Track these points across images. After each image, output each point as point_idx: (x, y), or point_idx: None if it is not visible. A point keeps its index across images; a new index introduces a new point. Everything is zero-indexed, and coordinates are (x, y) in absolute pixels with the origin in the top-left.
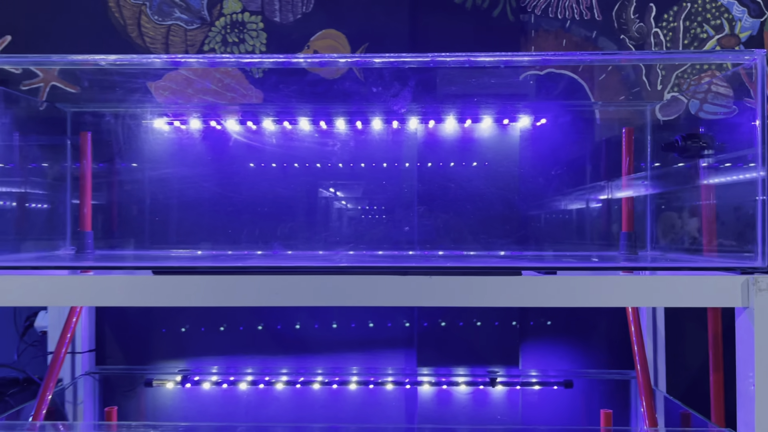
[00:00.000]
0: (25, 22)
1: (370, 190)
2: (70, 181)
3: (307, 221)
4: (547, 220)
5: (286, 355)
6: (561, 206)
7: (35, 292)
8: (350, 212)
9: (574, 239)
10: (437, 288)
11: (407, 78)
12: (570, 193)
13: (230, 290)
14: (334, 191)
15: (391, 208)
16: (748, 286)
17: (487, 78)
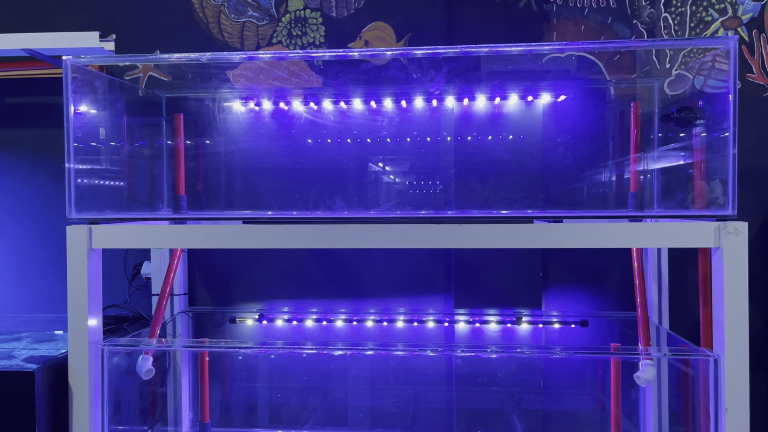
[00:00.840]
0: (126, 22)
1: (412, 160)
2: (166, 154)
3: (360, 186)
4: (567, 184)
5: (344, 298)
6: (579, 172)
7: (158, 237)
8: (395, 178)
9: (591, 200)
10: (466, 233)
11: (443, 65)
12: (587, 161)
13: (304, 235)
14: (382, 160)
15: (430, 175)
16: (720, 230)
17: (512, 62)
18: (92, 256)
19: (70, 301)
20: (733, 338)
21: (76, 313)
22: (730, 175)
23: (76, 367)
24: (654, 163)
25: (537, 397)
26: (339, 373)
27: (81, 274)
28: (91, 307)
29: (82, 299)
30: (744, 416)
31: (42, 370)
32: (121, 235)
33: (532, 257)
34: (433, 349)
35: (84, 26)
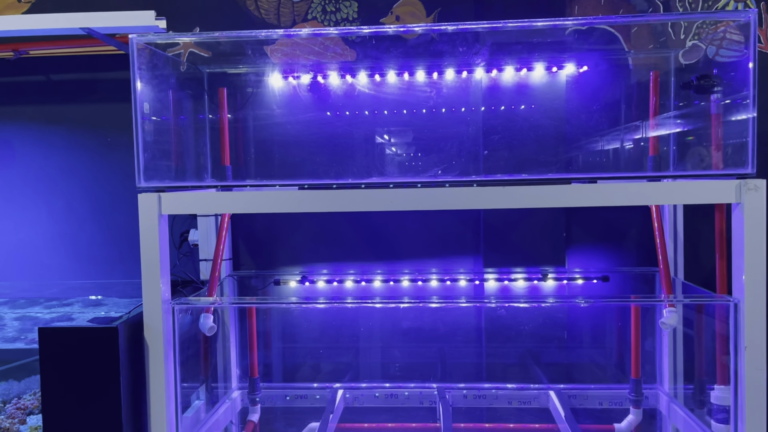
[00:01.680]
0: (168, 3)
1: (442, 128)
2: (209, 127)
3: (393, 155)
4: (590, 148)
5: (381, 261)
6: (602, 137)
7: (221, 203)
8: (426, 145)
9: (613, 162)
10: (505, 195)
11: (487, 39)
12: (608, 127)
13: (350, 199)
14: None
15: (461, 142)
16: (740, 187)
17: (538, 36)
18: (161, 222)
19: (144, 263)
20: (752, 284)
21: (150, 275)
22: (750, 137)
23: (151, 324)
24: (672, 128)
25: (562, 348)
26: (377, 330)
27: (153, 239)
28: (162, 268)
29: (154, 261)
30: (762, 352)
31: (123, 326)
32: (187, 201)
33: (555, 218)
34: (467, 301)
35: (126, 7)
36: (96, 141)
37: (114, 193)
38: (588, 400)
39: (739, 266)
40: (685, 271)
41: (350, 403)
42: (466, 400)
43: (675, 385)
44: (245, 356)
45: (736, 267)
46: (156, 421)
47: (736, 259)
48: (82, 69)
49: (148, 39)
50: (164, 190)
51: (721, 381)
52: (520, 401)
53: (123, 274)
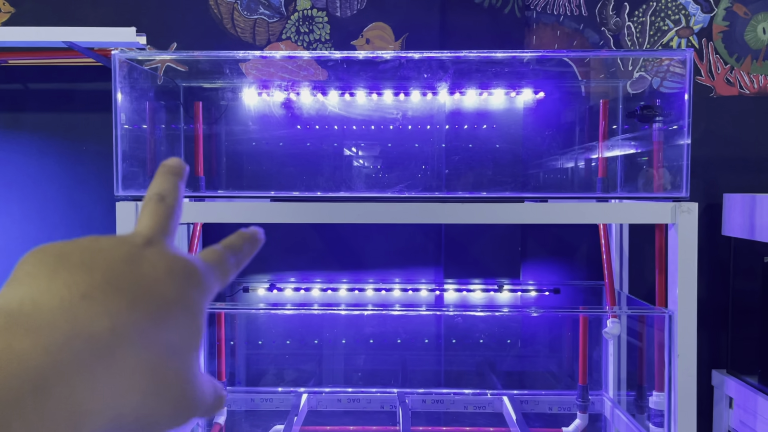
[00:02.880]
0: (146, 16)
1: (406, 146)
2: (184, 138)
3: (361, 170)
4: (544, 169)
5: (347, 270)
6: (554, 160)
7: (197, 213)
8: (392, 162)
9: (565, 183)
10: (464, 211)
11: (449, 66)
12: (560, 150)
13: (319, 211)
14: (380, 147)
15: (425, 160)
16: (675, 209)
17: (498, 64)
18: None
19: None
20: (684, 298)
21: None
22: (685, 164)
23: None
24: (619, 153)
25: (516, 356)
26: (341, 337)
27: None
28: None
29: None
30: (692, 360)
31: None
32: None
33: (512, 234)
34: (427, 309)
35: (106, 19)
36: (72, 149)
37: (89, 201)
38: (539, 405)
39: (674, 281)
40: (630, 286)
41: (314, 406)
42: (425, 405)
43: (618, 391)
44: (213, 361)
45: (671, 281)
46: None
47: (672, 274)
48: (61, 79)
49: (130, 55)
50: (141, 198)
51: (659, 387)
52: (476, 406)
53: None
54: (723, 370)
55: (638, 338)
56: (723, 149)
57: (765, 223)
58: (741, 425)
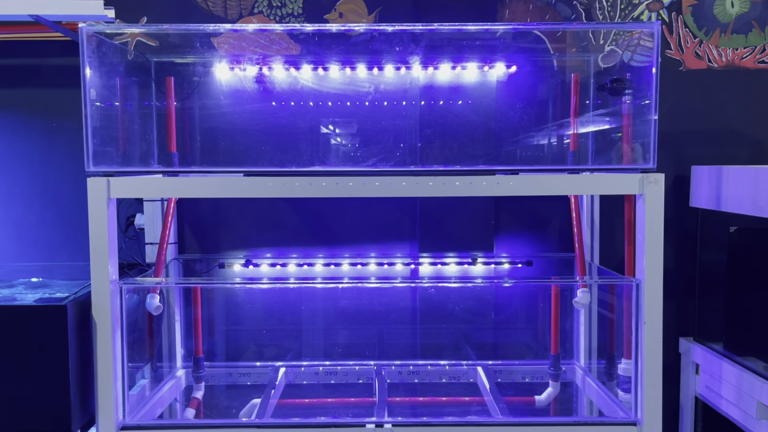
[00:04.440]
0: None
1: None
2: (155, 114)
3: (335, 144)
4: (517, 142)
5: (322, 245)
6: (527, 133)
7: (169, 188)
8: (366, 136)
9: (536, 156)
10: (437, 184)
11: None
12: (533, 124)
13: (293, 186)
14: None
15: (398, 134)
16: (643, 180)
17: (472, 37)
18: (110, 205)
19: (93, 244)
20: (651, 266)
21: (98, 255)
22: (652, 136)
23: (99, 303)
24: (590, 126)
25: (490, 328)
26: (318, 311)
27: (102, 221)
28: (110, 249)
29: (103, 243)
30: (658, 327)
31: (72, 304)
32: (135, 185)
33: (485, 207)
34: (402, 280)
35: None
36: (42, 125)
37: (60, 178)
38: (512, 375)
39: (641, 250)
40: (601, 257)
41: (291, 380)
42: (401, 376)
43: (589, 360)
44: (190, 337)
45: (639, 251)
46: (103, 396)
47: (639, 244)
48: (28, 54)
49: (97, 28)
50: (113, 174)
51: (627, 355)
52: (451, 377)
53: (68, 257)
54: (690, 338)
55: (608, 308)
56: (692, 122)
57: (731, 194)
58: (707, 390)
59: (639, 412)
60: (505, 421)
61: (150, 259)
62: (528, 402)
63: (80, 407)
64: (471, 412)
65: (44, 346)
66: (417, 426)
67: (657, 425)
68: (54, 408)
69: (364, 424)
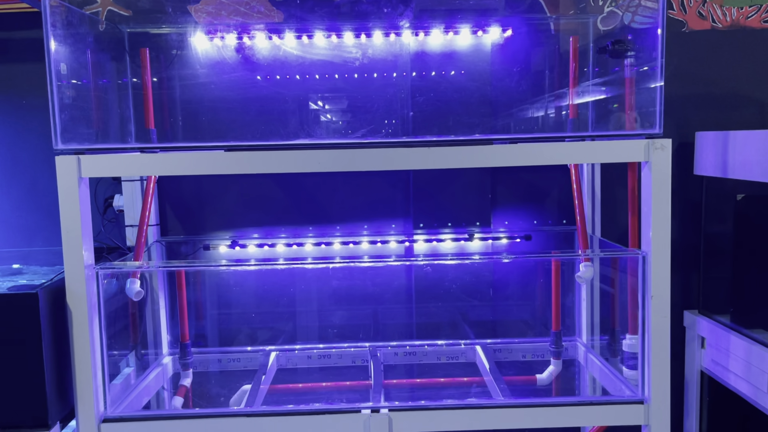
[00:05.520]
0: None
1: (369, 89)
2: (131, 89)
3: (322, 116)
4: (513, 110)
5: (312, 224)
6: (524, 101)
7: (145, 165)
8: (354, 106)
9: (534, 125)
10: (432, 155)
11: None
12: (530, 90)
13: (277, 160)
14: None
15: (389, 103)
16: (649, 146)
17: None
18: (81, 185)
19: (64, 228)
20: (658, 238)
21: (71, 238)
22: (658, 99)
23: (74, 289)
24: (591, 92)
25: (488, 305)
26: (310, 292)
27: (73, 202)
28: (84, 232)
29: (75, 225)
30: (666, 301)
31: (44, 291)
32: (109, 163)
33: (481, 180)
34: (396, 259)
35: None
36: (11, 103)
37: (33, 158)
38: (512, 354)
39: (647, 221)
40: (602, 229)
41: (283, 364)
42: (397, 358)
43: (591, 336)
44: (176, 323)
45: (644, 222)
46: (82, 387)
47: (645, 215)
48: None
49: None
50: (83, 152)
51: (632, 331)
52: (449, 357)
53: (44, 242)
54: (695, 311)
55: (611, 282)
56: (695, 86)
57: (738, 160)
58: (713, 364)
59: (646, 390)
60: (507, 402)
61: (131, 243)
62: (529, 381)
63: (58, 400)
64: (471, 393)
65: (16, 336)
66: (415, 410)
67: (665, 403)
68: (29, 401)
69: (359, 410)
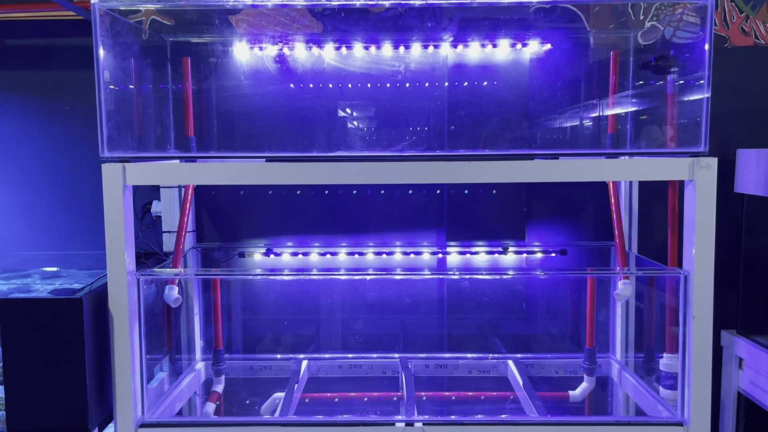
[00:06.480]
0: None
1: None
2: (172, 97)
3: (360, 128)
4: (553, 124)
5: (346, 234)
6: (564, 115)
7: (187, 174)
8: (392, 119)
9: (574, 139)
10: (472, 169)
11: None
12: (570, 104)
13: (317, 172)
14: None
15: (427, 116)
16: (693, 165)
17: (502, 12)
18: (126, 193)
19: (108, 234)
20: (701, 258)
21: (114, 246)
22: (704, 116)
23: (116, 295)
24: (631, 107)
25: (521, 319)
26: (341, 301)
27: (117, 209)
28: (127, 239)
29: (119, 232)
30: (708, 322)
31: (88, 297)
32: (152, 172)
33: (517, 193)
34: (430, 273)
35: None
36: (54, 109)
37: (73, 163)
38: (545, 369)
39: (690, 240)
40: (639, 245)
41: (314, 373)
42: (428, 370)
43: (626, 354)
44: (209, 328)
45: (687, 241)
46: (121, 392)
47: (688, 234)
48: (39, 34)
49: (110, 5)
50: (128, 160)
51: (670, 349)
52: (480, 370)
53: (83, 245)
54: (733, 330)
55: (647, 300)
56: (736, 102)
57: None
58: (752, 386)
59: (686, 411)
60: (544, 420)
61: (167, 248)
62: (562, 397)
63: (97, 404)
64: (504, 408)
65: (59, 340)
66: (450, 425)
67: (705, 426)
68: (70, 405)
69: (393, 423)
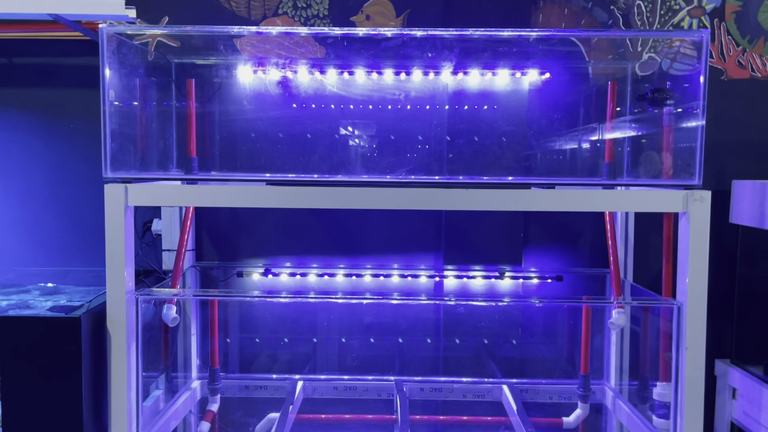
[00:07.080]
0: None
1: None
2: (175, 117)
3: (360, 153)
4: (550, 153)
5: (344, 255)
6: (560, 144)
7: (189, 196)
8: (393, 145)
9: (571, 169)
10: (469, 197)
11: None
12: (567, 133)
13: (317, 196)
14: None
15: (426, 143)
16: (687, 197)
17: (502, 43)
18: (127, 214)
19: (109, 254)
20: (694, 289)
21: (114, 265)
22: (699, 149)
23: (114, 314)
24: (627, 137)
25: (516, 345)
26: (337, 323)
27: (119, 230)
28: (127, 259)
29: (119, 252)
30: (701, 353)
31: (86, 316)
32: (154, 193)
33: (514, 219)
34: (427, 298)
35: None
36: (59, 126)
37: (76, 180)
38: (539, 395)
39: (683, 271)
40: (634, 274)
41: (309, 394)
42: (423, 393)
43: (620, 381)
44: (206, 347)
45: (680, 272)
46: (117, 411)
47: (681, 265)
48: (46, 53)
49: (118, 29)
50: (131, 181)
51: (663, 378)
52: (475, 395)
53: (82, 262)
54: (727, 360)
55: (642, 327)
56: (732, 134)
57: None
58: (744, 417)
59: None
60: None
61: (167, 266)
62: (555, 424)
63: (93, 422)
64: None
65: (57, 358)
66: None
67: None
68: (66, 424)
69: None
